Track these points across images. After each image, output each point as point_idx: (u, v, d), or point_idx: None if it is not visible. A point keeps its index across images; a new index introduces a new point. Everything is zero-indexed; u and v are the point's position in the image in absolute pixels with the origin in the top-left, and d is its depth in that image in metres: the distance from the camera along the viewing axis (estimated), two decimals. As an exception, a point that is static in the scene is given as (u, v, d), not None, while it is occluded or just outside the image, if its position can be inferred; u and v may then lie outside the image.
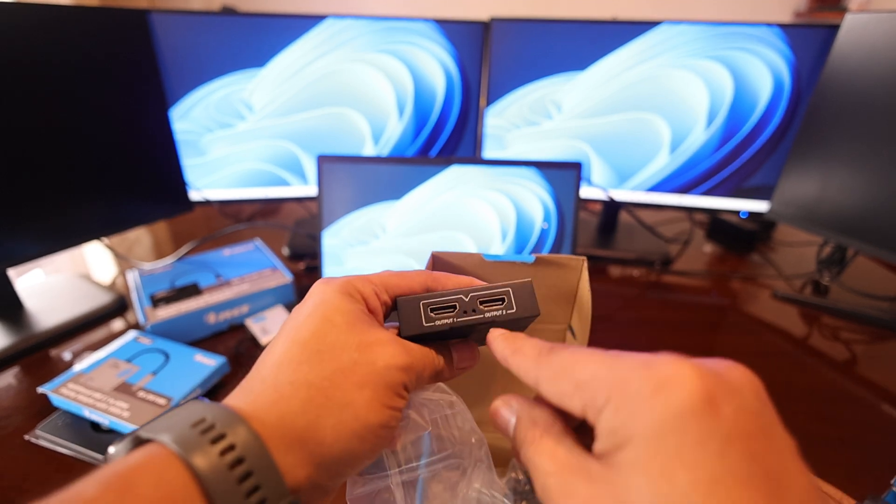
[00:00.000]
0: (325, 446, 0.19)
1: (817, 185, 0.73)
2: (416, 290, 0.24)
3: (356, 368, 0.20)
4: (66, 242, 0.65)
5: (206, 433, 0.16)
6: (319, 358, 0.20)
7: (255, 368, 0.21)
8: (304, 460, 0.18)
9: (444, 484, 0.36)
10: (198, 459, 0.15)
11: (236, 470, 0.16)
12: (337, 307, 0.21)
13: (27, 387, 0.55)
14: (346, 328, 0.21)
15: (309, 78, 0.80)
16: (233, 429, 0.17)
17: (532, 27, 0.81)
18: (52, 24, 0.57)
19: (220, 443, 0.16)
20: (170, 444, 0.16)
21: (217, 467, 0.16)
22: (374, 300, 0.23)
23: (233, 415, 0.17)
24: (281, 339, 0.21)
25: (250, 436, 0.17)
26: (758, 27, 0.74)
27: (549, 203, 0.67)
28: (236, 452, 0.16)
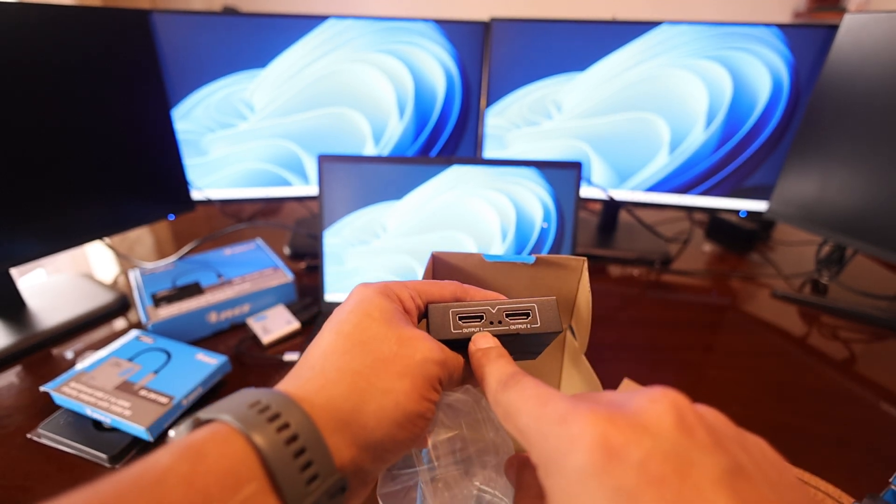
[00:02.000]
0: (368, 430, 0.20)
1: (816, 184, 0.73)
2: (447, 298, 0.26)
3: (396, 360, 0.21)
4: (67, 242, 0.65)
5: (263, 413, 0.18)
6: (362, 348, 0.21)
7: (302, 359, 0.22)
8: (348, 442, 0.19)
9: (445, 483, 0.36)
10: (257, 436, 0.17)
11: (292, 446, 0.17)
12: (376, 305, 0.23)
13: (29, 386, 0.55)
14: (384, 323, 0.22)
15: (310, 78, 0.80)
16: (287, 409, 0.18)
17: (532, 27, 0.81)
18: (53, 24, 0.57)
19: (276, 421, 0.17)
20: (232, 422, 0.17)
21: (275, 443, 0.17)
22: (410, 302, 0.25)
23: (286, 397, 0.19)
24: (326, 332, 0.22)
25: (302, 416, 0.18)
26: (757, 27, 0.74)
27: (549, 203, 0.68)
28: (291, 430, 0.17)
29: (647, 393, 0.16)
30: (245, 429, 0.17)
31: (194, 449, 0.16)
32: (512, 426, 0.19)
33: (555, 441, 0.15)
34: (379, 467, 0.21)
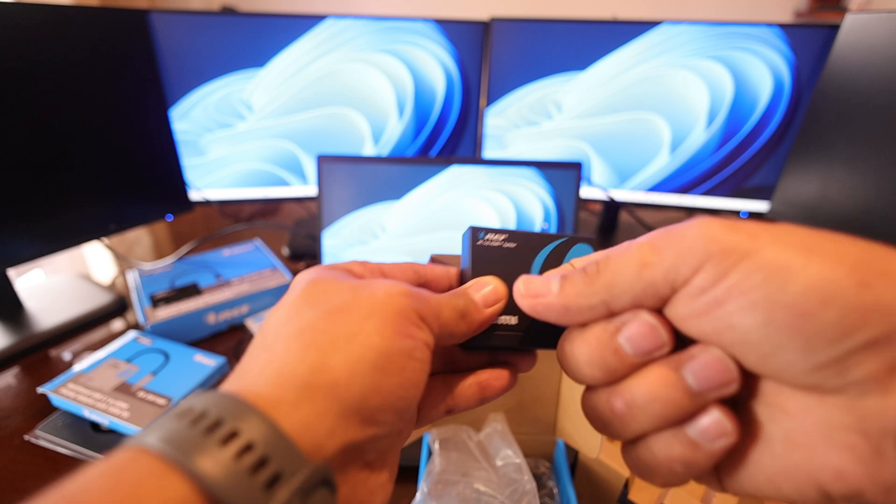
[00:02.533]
0: (342, 386, 0.15)
1: (818, 185, 0.73)
2: (406, 272, 0.23)
3: (354, 304, 0.17)
4: (65, 242, 0.65)
5: (197, 424, 0.14)
6: (311, 307, 0.17)
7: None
8: (319, 411, 0.15)
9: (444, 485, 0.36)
10: (197, 460, 0.13)
11: (230, 445, 0.13)
12: (320, 275, 0.19)
13: (27, 387, 0.55)
14: (332, 282, 0.18)
15: (309, 78, 0.80)
16: (207, 398, 0.14)
17: (532, 27, 0.81)
18: (51, 24, 0.57)
19: (203, 420, 0.14)
20: (163, 451, 0.13)
21: (185, 432, 0.13)
22: (358, 267, 0.21)
23: (215, 393, 0.15)
24: (268, 315, 0.19)
25: (225, 399, 0.14)
26: (758, 27, 0.74)
27: (549, 203, 0.67)
28: (212, 417, 0.14)
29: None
30: (177, 455, 0.13)
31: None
32: (635, 283, 0.16)
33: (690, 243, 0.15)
34: (377, 434, 0.17)
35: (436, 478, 0.36)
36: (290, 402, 0.15)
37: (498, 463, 0.37)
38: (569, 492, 0.38)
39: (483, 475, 0.36)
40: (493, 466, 0.37)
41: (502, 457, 0.37)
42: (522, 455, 0.37)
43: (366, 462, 0.17)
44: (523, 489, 0.36)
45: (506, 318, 0.22)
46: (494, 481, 0.36)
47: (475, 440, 0.39)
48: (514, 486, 0.36)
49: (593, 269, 0.17)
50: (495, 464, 0.37)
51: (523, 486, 0.36)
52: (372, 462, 0.18)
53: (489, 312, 0.21)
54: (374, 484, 0.18)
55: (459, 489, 0.35)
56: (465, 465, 0.37)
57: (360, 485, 0.17)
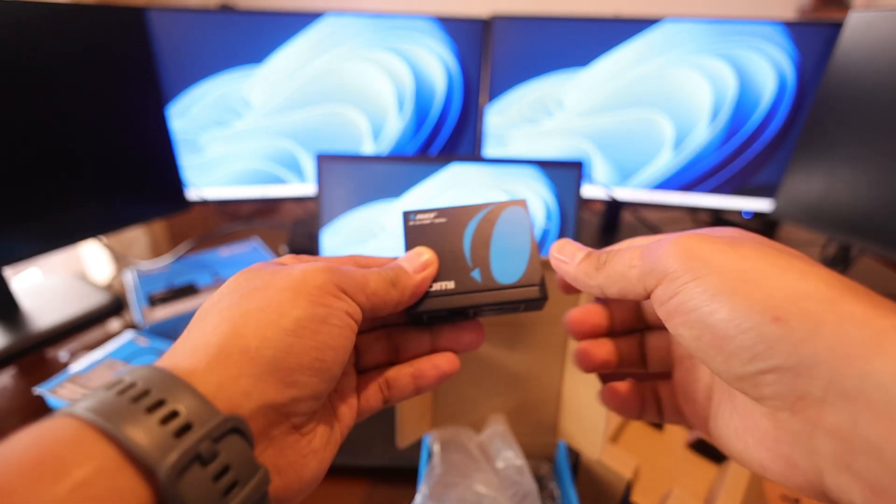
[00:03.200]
0: (252, 350, 0.17)
1: (822, 183, 0.72)
2: (345, 262, 0.24)
3: (272, 283, 0.19)
4: (62, 241, 0.65)
5: (114, 386, 0.15)
6: (232, 291, 0.19)
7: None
8: (232, 374, 0.16)
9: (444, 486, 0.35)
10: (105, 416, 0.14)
11: (139, 399, 0.14)
12: (251, 267, 0.21)
13: (23, 388, 0.55)
14: (258, 269, 0.20)
15: (308, 75, 0.79)
16: (133, 372, 0.15)
17: (533, 24, 0.80)
18: (48, 22, 0.57)
19: (116, 386, 0.15)
20: (89, 417, 0.14)
21: (116, 402, 0.14)
22: (291, 260, 0.22)
23: (140, 367, 0.16)
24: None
25: (153, 371, 0.15)
26: (761, 24, 0.73)
27: (551, 202, 0.67)
28: (138, 387, 0.15)
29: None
30: (101, 419, 0.14)
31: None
32: (629, 277, 0.20)
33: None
34: (298, 395, 0.18)
35: (436, 480, 0.35)
36: (204, 369, 0.16)
37: (499, 465, 0.37)
38: (570, 494, 0.37)
39: (484, 477, 0.36)
40: (494, 468, 0.37)
41: (503, 458, 0.37)
42: (523, 457, 0.37)
43: (292, 425, 0.18)
44: (524, 491, 0.35)
45: (443, 283, 0.23)
46: (495, 483, 0.35)
47: (476, 442, 0.39)
48: (515, 487, 0.35)
49: (603, 259, 0.21)
50: (496, 465, 0.37)
51: (524, 488, 0.35)
52: (299, 426, 0.19)
53: (420, 277, 0.23)
54: (305, 448, 0.19)
55: (460, 491, 0.35)
56: (465, 467, 0.36)
57: (289, 448, 0.18)
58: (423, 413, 0.40)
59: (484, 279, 0.24)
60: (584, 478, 0.42)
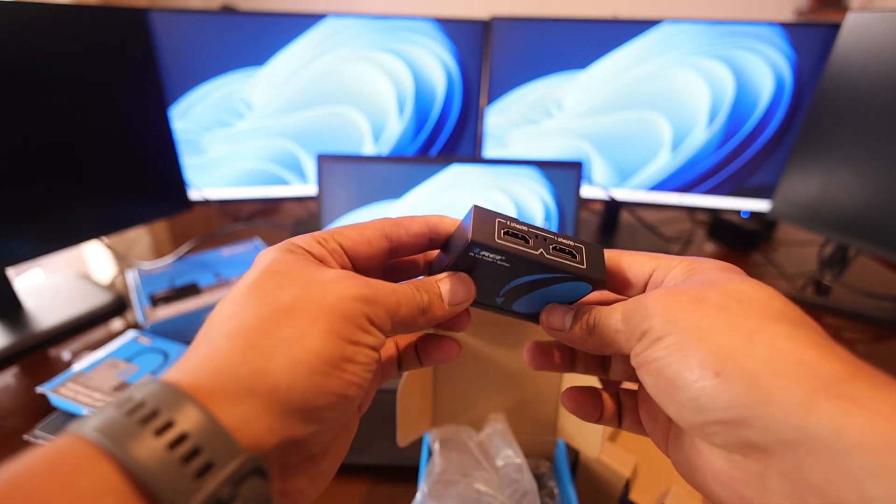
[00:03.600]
0: (282, 390, 0.16)
1: (819, 184, 0.73)
2: (375, 243, 0.22)
3: (303, 305, 0.17)
4: (65, 242, 0.65)
5: (124, 404, 0.14)
6: (259, 302, 0.18)
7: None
8: (258, 411, 0.16)
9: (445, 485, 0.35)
10: (128, 447, 0.13)
11: (170, 442, 0.14)
12: (277, 259, 0.19)
13: (26, 387, 0.55)
14: (287, 274, 0.19)
15: (309, 76, 0.80)
16: (146, 387, 0.15)
17: (533, 26, 0.81)
18: (51, 23, 0.57)
19: (140, 410, 0.14)
20: (97, 440, 0.14)
21: (121, 422, 0.14)
22: (319, 248, 0.21)
23: (155, 382, 0.15)
24: (217, 305, 0.19)
25: (164, 389, 0.15)
26: (759, 26, 0.74)
27: (550, 202, 0.67)
28: (148, 407, 0.14)
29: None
30: (110, 443, 0.13)
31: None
32: (609, 341, 0.21)
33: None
34: (320, 430, 0.17)
35: (436, 478, 0.36)
36: (229, 399, 0.15)
37: (498, 463, 0.37)
38: (569, 492, 0.38)
39: (483, 475, 0.36)
40: (494, 466, 0.37)
41: (503, 457, 0.37)
42: (523, 455, 0.37)
43: (309, 454, 0.18)
44: (524, 489, 0.35)
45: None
46: (495, 481, 0.36)
47: (475, 440, 0.39)
48: (514, 486, 0.36)
49: (591, 323, 0.22)
50: (496, 464, 0.37)
51: (524, 487, 0.35)
52: (315, 454, 0.19)
53: (451, 311, 0.22)
54: (314, 471, 0.19)
55: (460, 489, 0.35)
56: (465, 466, 0.37)
57: (301, 474, 0.18)
58: (423, 412, 0.40)
59: (503, 306, 0.25)
60: (583, 476, 0.42)
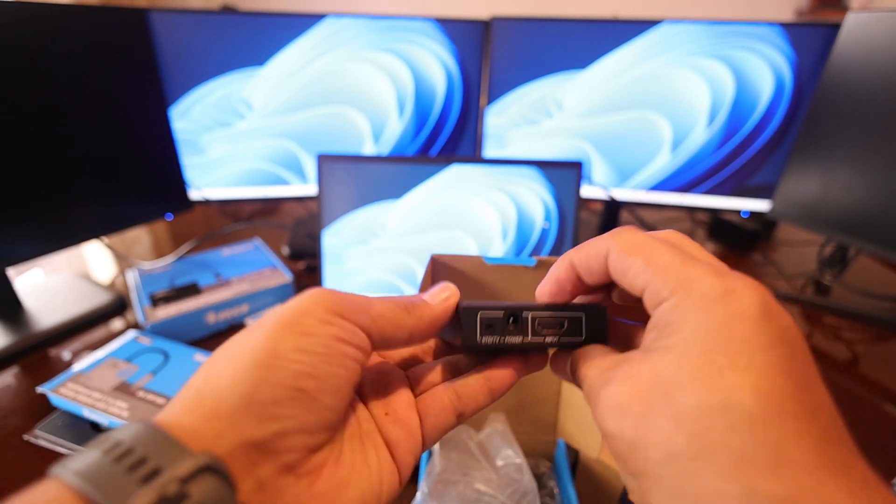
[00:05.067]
0: (224, 387, 0.16)
1: (819, 184, 0.73)
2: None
3: (267, 316, 0.18)
4: (65, 242, 0.65)
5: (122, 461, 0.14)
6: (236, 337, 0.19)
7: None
8: (207, 415, 0.16)
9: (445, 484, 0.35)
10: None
11: (116, 453, 0.14)
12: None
13: (26, 387, 0.55)
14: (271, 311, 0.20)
15: (309, 77, 0.80)
16: (127, 430, 0.15)
17: (533, 26, 0.81)
18: (51, 23, 0.57)
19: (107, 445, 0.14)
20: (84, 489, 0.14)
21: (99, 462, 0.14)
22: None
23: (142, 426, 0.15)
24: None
25: (141, 426, 0.15)
26: (759, 26, 0.74)
27: (550, 202, 0.67)
28: (124, 447, 0.14)
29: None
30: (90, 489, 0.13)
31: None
32: (641, 258, 0.18)
33: (707, 287, 0.17)
34: (280, 430, 0.16)
35: (436, 477, 0.36)
36: (179, 414, 0.16)
37: (498, 463, 0.37)
38: (570, 492, 0.38)
39: (483, 475, 0.36)
40: (494, 466, 0.37)
41: (503, 457, 0.37)
42: (523, 455, 0.37)
43: (284, 465, 0.17)
44: (524, 489, 0.35)
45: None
46: (495, 481, 0.36)
47: (476, 440, 0.39)
48: (514, 485, 0.36)
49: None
50: (496, 464, 0.37)
51: (524, 486, 0.36)
52: (293, 466, 0.17)
53: (440, 308, 0.22)
54: (303, 493, 0.17)
55: (460, 489, 0.35)
56: (465, 465, 0.37)
57: (282, 492, 0.17)
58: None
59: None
60: (583, 476, 0.42)
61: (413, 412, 0.21)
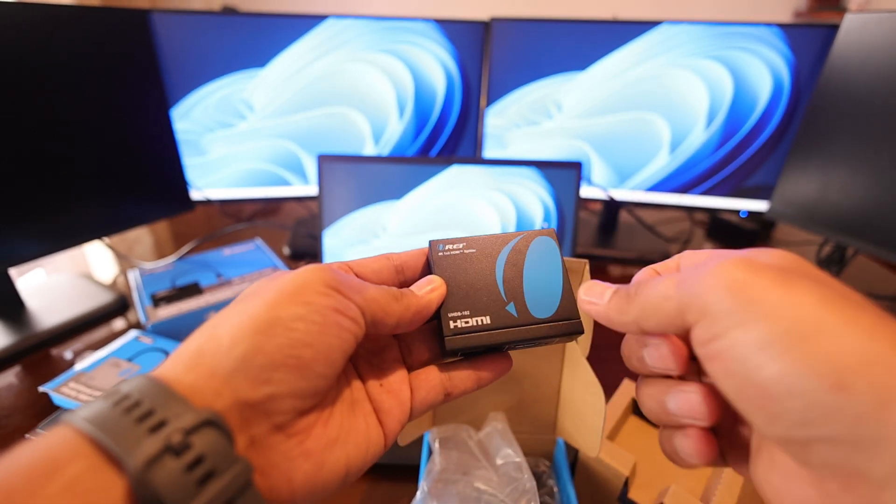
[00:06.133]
0: (223, 350, 0.17)
1: (817, 184, 0.73)
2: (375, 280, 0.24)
3: (266, 285, 0.19)
4: (67, 242, 0.65)
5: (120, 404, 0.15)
6: (235, 301, 0.20)
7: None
8: (206, 374, 0.17)
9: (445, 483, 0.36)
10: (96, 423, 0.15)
11: (124, 404, 0.15)
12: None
13: (28, 386, 0.55)
14: (266, 278, 0.21)
15: (309, 78, 0.80)
16: (135, 383, 0.16)
17: (532, 27, 0.81)
18: (52, 24, 0.57)
19: (130, 406, 0.15)
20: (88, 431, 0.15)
21: (104, 410, 0.15)
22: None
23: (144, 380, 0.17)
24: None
25: (145, 380, 0.16)
26: (757, 27, 0.74)
27: (550, 202, 0.68)
28: (131, 398, 0.15)
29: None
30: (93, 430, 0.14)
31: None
32: (661, 315, 0.18)
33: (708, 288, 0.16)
34: (273, 392, 0.17)
35: (436, 476, 0.36)
36: (182, 371, 0.17)
37: (498, 462, 0.37)
38: (569, 490, 0.38)
39: (483, 474, 0.36)
40: (494, 465, 0.37)
41: (502, 455, 0.38)
42: (522, 454, 0.38)
43: (275, 425, 0.18)
44: (523, 488, 0.36)
45: (480, 318, 0.23)
46: (494, 480, 0.36)
47: (475, 439, 0.39)
48: (514, 484, 0.36)
49: (632, 291, 0.19)
50: (495, 462, 0.38)
51: (523, 485, 0.36)
52: (283, 426, 0.18)
53: (426, 299, 0.23)
54: (293, 450, 0.18)
55: (460, 488, 0.35)
56: (465, 464, 0.37)
57: (272, 449, 0.18)
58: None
59: (520, 314, 0.23)
60: (583, 475, 0.42)
61: (406, 385, 0.23)
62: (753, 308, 0.14)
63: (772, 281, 0.15)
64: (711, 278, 0.16)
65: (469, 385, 0.24)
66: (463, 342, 0.23)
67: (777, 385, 0.14)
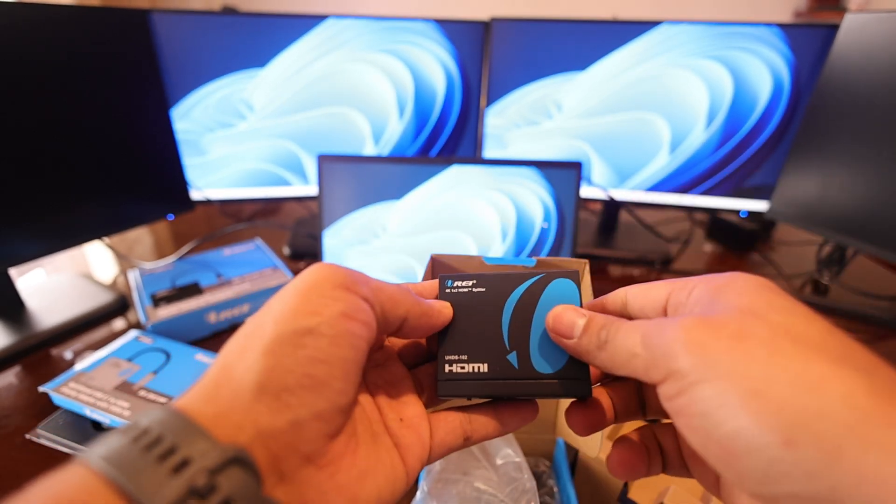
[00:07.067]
0: (236, 379, 0.16)
1: (817, 184, 0.73)
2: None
3: (274, 296, 0.19)
4: (67, 242, 0.65)
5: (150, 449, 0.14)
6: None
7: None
8: (225, 408, 0.16)
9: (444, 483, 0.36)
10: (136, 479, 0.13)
11: (144, 442, 0.14)
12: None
13: (28, 386, 0.55)
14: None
15: (309, 78, 0.80)
16: (156, 418, 0.15)
17: (532, 27, 0.81)
18: (52, 24, 0.57)
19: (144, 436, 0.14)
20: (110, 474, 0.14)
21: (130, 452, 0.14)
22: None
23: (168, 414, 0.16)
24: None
25: (169, 414, 0.15)
26: (757, 27, 0.74)
27: (550, 203, 0.68)
28: (155, 437, 0.14)
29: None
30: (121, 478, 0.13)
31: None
32: (630, 361, 0.18)
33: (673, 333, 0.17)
34: (295, 418, 0.16)
35: (436, 476, 0.36)
36: (203, 402, 0.16)
37: (498, 462, 0.38)
38: (569, 490, 0.38)
39: (483, 474, 0.36)
40: (493, 465, 0.37)
41: (502, 455, 0.38)
42: (522, 454, 0.38)
43: (304, 456, 0.17)
44: (523, 488, 0.36)
45: (476, 365, 0.22)
46: (494, 480, 0.36)
47: (475, 439, 0.39)
48: (514, 484, 0.36)
49: (603, 336, 0.19)
50: (495, 462, 0.38)
51: (523, 485, 0.36)
52: (313, 456, 0.17)
53: (436, 310, 0.22)
54: (325, 484, 0.17)
55: (460, 488, 0.35)
56: (465, 464, 0.37)
57: (304, 484, 0.17)
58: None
59: (521, 366, 0.21)
60: (582, 475, 0.42)
61: (425, 421, 0.22)
62: (713, 367, 0.15)
63: (728, 338, 0.15)
64: (674, 339, 0.16)
65: (490, 431, 0.22)
66: (455, 389, 0.21)
67: (736, 441, 0.14)
